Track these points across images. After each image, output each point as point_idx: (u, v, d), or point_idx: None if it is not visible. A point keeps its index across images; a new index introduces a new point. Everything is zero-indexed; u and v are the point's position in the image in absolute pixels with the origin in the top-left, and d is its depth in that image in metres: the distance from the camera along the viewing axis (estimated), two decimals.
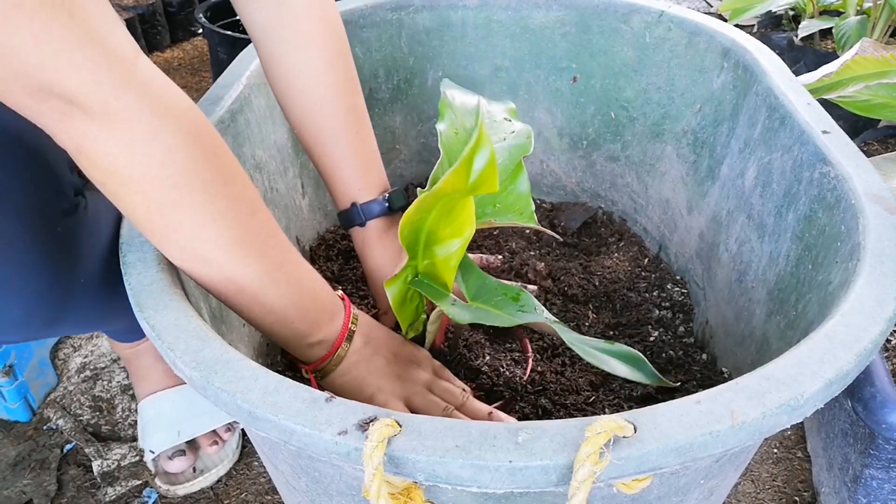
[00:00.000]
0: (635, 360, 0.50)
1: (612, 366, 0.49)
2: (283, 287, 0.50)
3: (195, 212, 0.44)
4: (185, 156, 0.43)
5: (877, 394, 0.65)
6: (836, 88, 0.95)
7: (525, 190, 0.59)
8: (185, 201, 0.43)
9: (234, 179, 0.47)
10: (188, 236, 0.45)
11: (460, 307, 0.55)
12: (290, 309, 0.51)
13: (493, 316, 0.54)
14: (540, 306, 0.55)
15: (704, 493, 0.47)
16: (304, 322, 0.53)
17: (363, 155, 0.66)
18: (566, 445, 0.35)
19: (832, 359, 0.39)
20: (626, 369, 0.49)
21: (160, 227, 0.45)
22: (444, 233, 0.52)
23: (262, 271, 0.48)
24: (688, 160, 0.86)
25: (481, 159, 0.43)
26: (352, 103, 0.65)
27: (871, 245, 0.48)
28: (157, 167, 0.42)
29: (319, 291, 0.55)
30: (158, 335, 0.42)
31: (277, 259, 0.50)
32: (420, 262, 0.55)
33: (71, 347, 1.04)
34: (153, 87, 0.42)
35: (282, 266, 0.50)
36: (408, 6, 0.91)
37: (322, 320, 0.54)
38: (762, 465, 0.87)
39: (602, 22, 0.90)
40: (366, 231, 0.67)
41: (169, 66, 1.99)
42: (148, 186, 0.42)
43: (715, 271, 0.78)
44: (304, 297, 0.52)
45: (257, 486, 0.84)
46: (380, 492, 0.35)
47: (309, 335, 0.53)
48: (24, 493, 0.83)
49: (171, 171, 0.42)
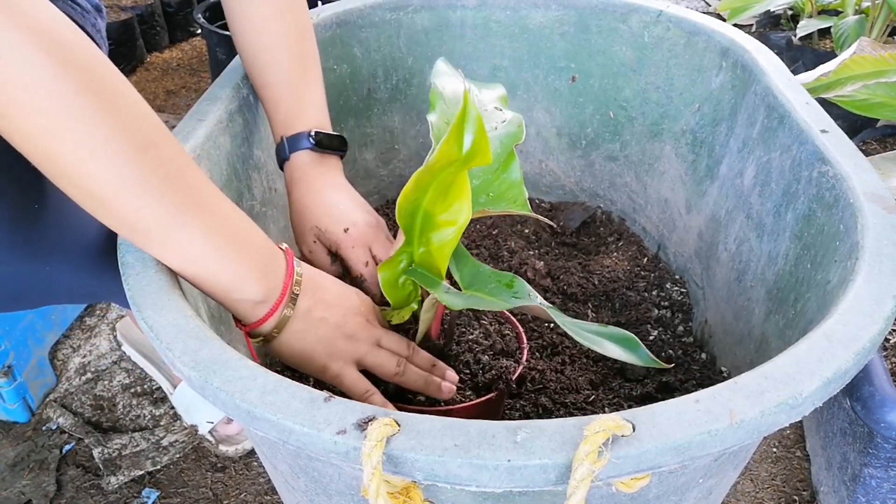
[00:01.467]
0: (629, 342, 0.50)
1: (606, 348, 0.49)
2: (195, 232, 0.46)
3: (71, 142, 0.40)
4: (51, 76, 0.39)
5: (875, 392, 0.65)
6: (834, 87, 0.95)
7: (517, 178, 0.59)
8: (56, 129, 0.40)
9: (122, 108, 0.42)
10: (70, 171, 0.41)
11: (454, 294, 0.54)
12: (209, 258, 0.47)
13: (486, 301, 0.54)
14: (534, 292, 0.55)
15: (703, 492, 0.47)
16: (228, 273, 0.48)
17: (302, 97, 0.68)
18: (565, 444, 0.35)
19: (831, 358, 0.39)
20: (621, 351, 0.49)
21: (41, 159, 0.42)
22: (439, 218, 0.52)
23: (163, 213, 0.44)
24: (686, 160, 0.86)
25: (471, 128, 0.43)
26: (297, 52, 0.68)
27: (869, 244, 0.48)
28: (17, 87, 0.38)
29: (248, 240, 0.50)
30: (157, 335, 0.42)
31: (185, 200, 0.45)
32: (416, 250, 0.55)
33: (70, 348, 1.04)
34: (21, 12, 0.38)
35: (192, 208, 0.45)
36: (406, 6, 0.90)
37: (252, 273, 0.49)
38: (761, 464, 0.87)
39: (601, 22, 0.90)
40: (291, 165, 0.67)
41: (167, 66, 1.99)
42: (11, 110, 0.39)
43: (714, 270, 0.78)
44: (225, 244, 0.47)
45: (256, 486, 0.84)
46: (379, 491, 0.35)
47: (235, 290, 0.49)
48: (23, 494, 0.83)
49: (34, 92, 0.38)
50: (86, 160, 0.41)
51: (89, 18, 0.68)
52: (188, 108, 1.75)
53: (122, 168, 0.42)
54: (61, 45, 0.40)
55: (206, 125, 0.63)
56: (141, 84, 1.88)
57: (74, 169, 0.41)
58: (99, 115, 0.41)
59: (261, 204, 0.74)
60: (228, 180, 0.67)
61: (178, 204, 0.45)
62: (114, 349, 1.04)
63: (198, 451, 0.88)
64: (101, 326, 1.08)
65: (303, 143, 0.66)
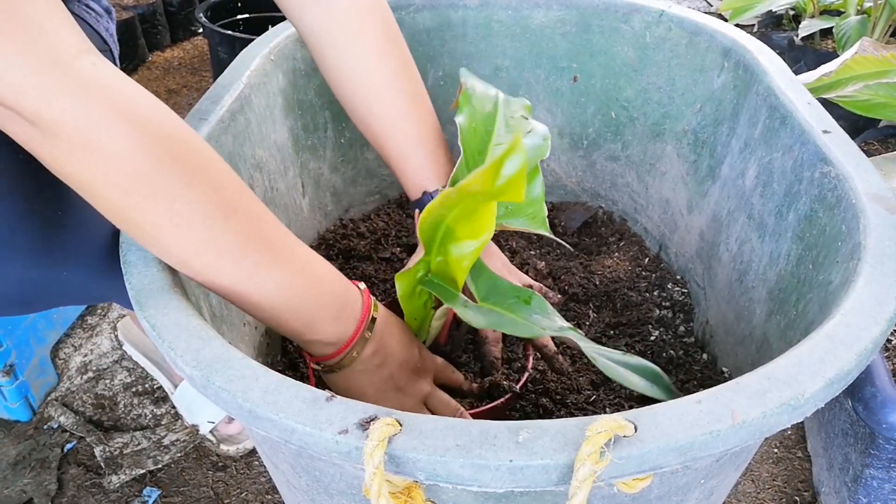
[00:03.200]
0: (653, 374, 0.50)
1: (630, 381, 0.48)
2: (271, 287, 0.48)
3: (153, 215, 0.43)
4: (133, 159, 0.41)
5: (877, 393, 0.65)
6: (835, 88, 0.95)
7: (539, 194, 0.59)
8: (139, 207, 0.42)
9: (203, 180, 0.44)
10: (152, 239, 0.44)
11: (474, 310, 0.54)
12: (282, 310, 0.49)
13: (507, 321, 0.53)
14: (552, 309, 0.55)
15: (705, 493, 0.47)
16: (301, 321, 0.51)
17: (428, 141, 0.65)
18: (567, 445, 0.35)
19: (833, 358, 0.39)
20: (644, 384, 0.49)
21: (127, 229, 0.45)
22: (461, 232, 0.51)
23: (239, 274, 0.46)
24: (688, 160, 0.86)
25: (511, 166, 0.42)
26: (410, 90, 0.64)
27: (871, 245, 0.48)
28: (102, 174, 0.40)
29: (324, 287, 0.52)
30: (159, 334, 0.42)
31: (262, 259, 0.47)
32: (433, 259, 0.55)
33: (71, 347, 1.04)
34: (94, 90, 0.40)
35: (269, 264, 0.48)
36: (408, 6, 0.91)
37: (325, 319, 0.52)
38: (762, 465, 0.87)
39: (602, 22, 0.90)
40: None
41: (169, 65, 1.99)
42: (99, 192, 0.41)
43: (715, 271, 0.78)
44: (302, 288, 0.50)
45: (258, 486, 0.84)
46: (380, 491, 0.35)
47: (309, 332, 0.51)
48: (24, 493, 0.83)
49: (118, 177, 0.41)
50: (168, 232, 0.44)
51: (102, 22, 0.68)
52: (190, 107, 1.75)
53: (202, 234, 0.44)
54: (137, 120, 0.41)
55: (208, 125, 0.63)
56: (142, 83, 1.88)
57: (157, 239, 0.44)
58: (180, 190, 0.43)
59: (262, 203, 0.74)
60: None
61: (257, 263, 0.47)
62: (115, 348, 1.04)
63: (199, 451, 0.88)
64: (102, 325, 1.08)
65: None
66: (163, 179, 0.42)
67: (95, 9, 0.67)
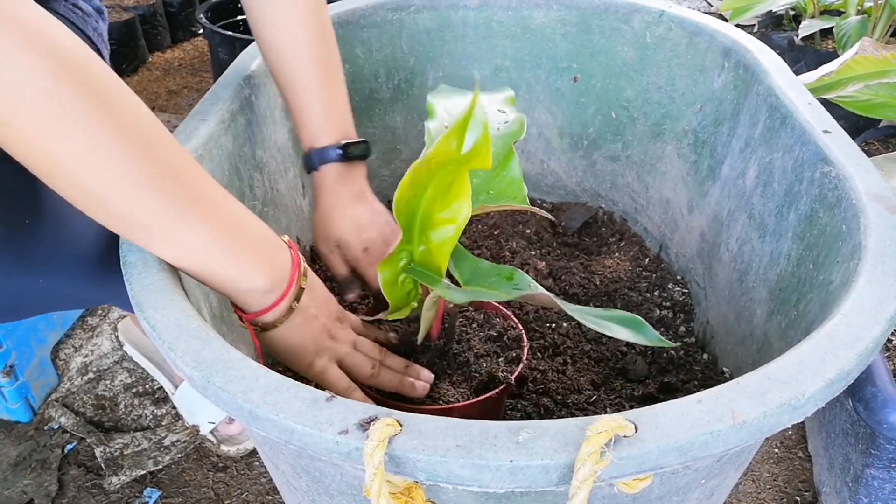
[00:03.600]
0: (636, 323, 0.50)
1: (613, 330, 0.48)
2: (198, 225, 0.46)
3: (71, 145, 0.41)
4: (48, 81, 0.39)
5: (878, 393, 0.65)
6: (835, 88, 0.95)
7: (517, 175, 0.59)
8: (55, 133, 0.40)
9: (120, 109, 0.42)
10: (70, 173, 0.42)
11: (455, 290, 0.54)
12: (214, 250, 0.47)
13: (488, 294, 0.54)
14: (534, 283, 0.55)
15: (705, 493, 0.47)
16: (234, 265, 0.48)
17: (327, 104, 0.68)
18: (567, 445, 0.35)
19: (833, 358, 0.39)
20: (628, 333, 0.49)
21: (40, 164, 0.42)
22: (438, 217, 0.52)
23: (165, 208, 0.44)
24: (688, 160, 0.86)
25: (474, 131, 0.43)
26: (321, 56, 0.68)
27: (872, 245, 0.48)
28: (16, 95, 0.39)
29: (252, 231, 0.50)
30: (159, 335, 0.42)
31: (187, 194, 0.45)
32: (415, 248, 0.55)
33: (72, 347, 1.04)
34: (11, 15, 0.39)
35: (195, 201, 0.46)
36: (408, 6, 0.91)
37: (258, 264, 0.49)
38: (763, 465, 0.87)
39: (603, 22, 0.90)
40: (320, 175, 0.68)
41: (169, 66, 1.99)
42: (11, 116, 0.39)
43: (716, 271, 0.78)
44: (229, 236, 0.48)
45: (258, 486, 0.84)
46: (381, 491, 0.35)
47: (242, 279, 0.49)
48: (25, 493, 0.83)
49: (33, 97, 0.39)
50: (86, 161, 0.41)
51: (90, 22, 0.68)
52: (190, 107, 1.75)
53: (123, 166, 0.42)
54: (57, 50, 0.40)
55: (209, 125, 0.64)
56: (143, 84, 1.89)
57: (75, 170, 0.42)
58: (97, 117, 0.41)
59: (262, 204, 0.74)
60: (230, 180, 0.67)
61: (181, 198, 0.45)
62: (115, 349, 1.04)
63: (199, 451, 0.88)
64: (102, 326, 1.08)
65: (330, 154, 0.68)
66: (81, 105, 0.40)
67: (84, 8, 0.67)
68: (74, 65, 0.41)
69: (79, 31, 0.66)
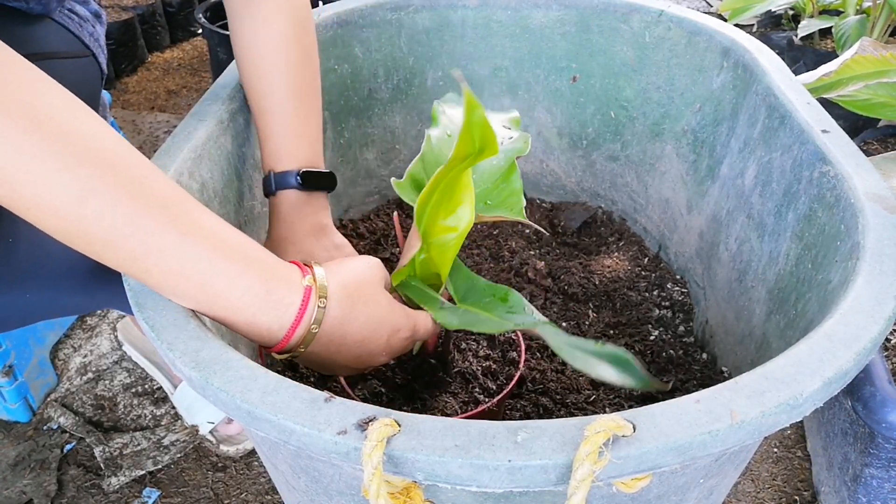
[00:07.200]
0: (624, 361, 0.48)
1: (599, 370, 0.47)
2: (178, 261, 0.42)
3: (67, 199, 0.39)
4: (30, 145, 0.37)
5: (876, 393, 0.65)
6: (835, 88, 0.95)
7: (518, 187, 0.60)
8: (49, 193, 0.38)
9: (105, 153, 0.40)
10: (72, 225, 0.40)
11: (449, 311, 0.54)
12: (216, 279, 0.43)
13: (481, 320, 0.53)
14: (529, 306, 0.54)
15: (704, 493, 0.47)
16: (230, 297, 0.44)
17: (295, 131, 0.66)
18: (565, 444, 0.35)
19: (832, 358, 0.39)
20: (614, 373, 0.47)
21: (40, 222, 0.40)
22: (441, 224, 0.52)
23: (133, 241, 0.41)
24: (687, 160, 0.86)
25: (477, 116, 0.43)
26: (298, 84, 0.66)
27: (870, 244, 0.48)
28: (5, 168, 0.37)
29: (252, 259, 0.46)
30: (158, 335, 0.42)
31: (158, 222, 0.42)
32: (417, 256, 0.55)
33: (71, 347, 1.04)
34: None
35: (166, 229, 0.42)
36: (407, 6, 0.91)
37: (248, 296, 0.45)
38: (762, 465, 0.87)
39: (602, 22, 0.90)
40: (276, 201, 0.65)
41: (168, 66, 1.99)
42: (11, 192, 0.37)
43: (715, 271, 0.78)
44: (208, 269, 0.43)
45: (257, 486, 0.84)
46: (379, 491, 0.35)
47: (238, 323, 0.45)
48: (24, 493, 0.83)
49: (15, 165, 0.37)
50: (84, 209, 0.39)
51: (86, 27, 0.68)
52: (189, 107, 1.75)
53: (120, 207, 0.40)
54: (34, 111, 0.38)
55: (208, 125, 0.63)
56: (142, 84, 1.89)
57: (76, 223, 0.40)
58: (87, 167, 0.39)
59: (262, 204, 0.74)
60: (230, 180, 0.67)
61: (154, 226, 0.41)
62: (115, 349, 1.04)
63: (199, 451, 0.88)
64: (101, 326, 1.08)
65: (290, 181, 0.64)
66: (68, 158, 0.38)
67: (80, 13, 0.67)
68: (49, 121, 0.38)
69: (74, 38, 0.66)
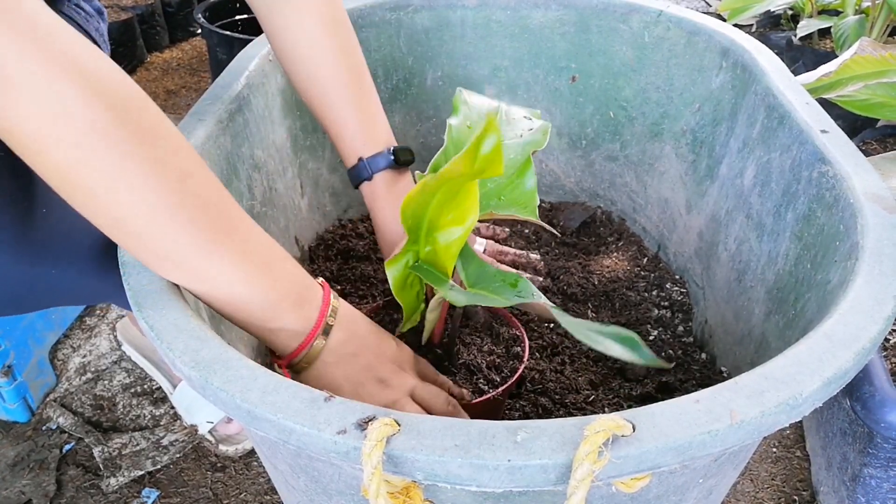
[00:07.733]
0: (630, 341, 0.50)
1: (608, 347, 0.48)
2: (226, 258, 0.45)
3: (106, 175, 0.40)
4: (87, 112, 0.39)
5: (875, 393, 0.65)
6: (834, 88, 0.95)
7: (531, 186, 0.60)
8: (91, 162, 0.39)
9: (157, 139, 0.42)
10: (102, 203, 0.41)
11: (458, 291, 0.54)
12: (239, 286, 0.46)
13: (489, 299, 0.54)
14: (538, 292, 0.55)
15: (703, 492, 0.47)
16: (259, 304, 0.48)
17: (366, 112, 0.67)
18: (565, 444, 0.35)
19: (831, 358, 0.39)
20: (622, 350, 0.49)
21: (74, 192, 0.41)
22: (445, 219, 0.52)
23: (196, 242, 0.44)
24: (687, 160, 0.86)
25: (488, 144, 0.43)
26: (351, 63, 0.66)
27: (869, 244, 0.48)
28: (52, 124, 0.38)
29: (281, 271, 0.49)
30: (158, 335, 0.42)
31: (218, 228, 0.45)
32: (421, 249, 0.55)
33: (70, 348, 1.04)
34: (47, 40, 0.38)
35: (225, 236, 0.45)
36: (406, 6, 0.90)
37: (284, 304, 0.49)
38: (761, 464, 0.87)
39: (601, 22, 0.90)
40: (373, 185, 0.67)
41: (168, 66, 1.99)
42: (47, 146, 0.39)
43: (714, 271, 0.78)
44: (255, 274, 0.47)
45: (256, 486, 0.84)
46: (379, 491, 0.35)
47: (268, 320, 0.48)
48: (23, 494, 0.83)
49: (70, 128, 0.38)
50: (120, 192, 0.41)
51: (92, 22, 0.68)
52: (188, 107, 1.75)
53: (157, 199, 0.42)
54: (91, 76, 0.39)
55: (207, 125, 0.63)
56: (141, 84, 1.88)
57: (107, 201, 0.41)
58: (134, 147, 0.41)
59: (261, 204, 0.74)
60: (229, 180, 0.67)
61: (212, 233, 0.45)
62: (114, 349, 1.04)
63: (198, 451, 0.88)
64: (101, 326, 1.08)
65: (382, 162, 0.66)
66: (121, 134, 0.40)
67: (86, 9, 0.67)
68: (111, 91, 0.40)
69: (82, 31, 0.66)
